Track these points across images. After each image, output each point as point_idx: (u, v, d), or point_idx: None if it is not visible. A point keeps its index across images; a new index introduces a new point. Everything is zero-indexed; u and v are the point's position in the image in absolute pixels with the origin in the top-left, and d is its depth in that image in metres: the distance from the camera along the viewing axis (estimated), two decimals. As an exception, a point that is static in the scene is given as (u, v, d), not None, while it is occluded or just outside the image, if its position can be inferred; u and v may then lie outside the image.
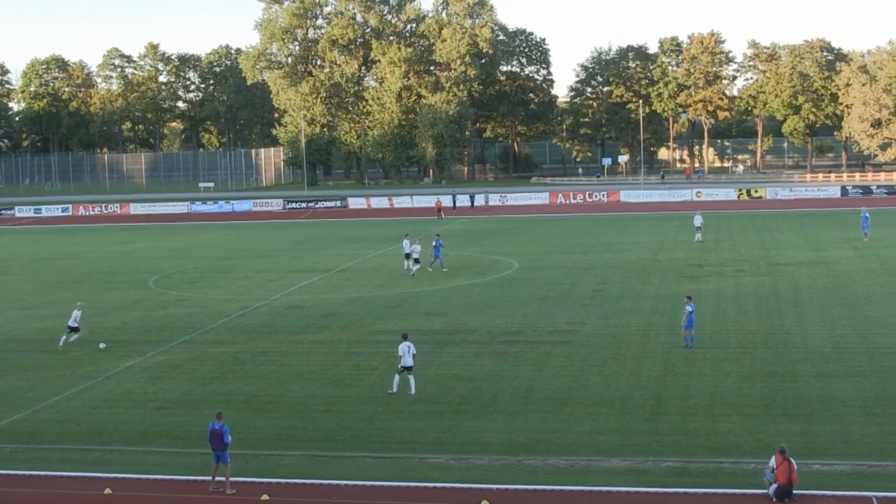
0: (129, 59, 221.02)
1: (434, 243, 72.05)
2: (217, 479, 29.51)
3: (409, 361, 39.10)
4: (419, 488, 29.45)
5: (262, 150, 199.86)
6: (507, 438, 33.47)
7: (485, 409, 36.82)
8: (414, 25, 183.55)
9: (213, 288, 67.82)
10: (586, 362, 43.39)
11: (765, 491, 27.69)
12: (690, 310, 45.48)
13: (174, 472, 31.35)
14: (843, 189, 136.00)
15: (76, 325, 49.75)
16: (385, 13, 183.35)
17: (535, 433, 33.90)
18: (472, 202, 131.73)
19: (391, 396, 38.60)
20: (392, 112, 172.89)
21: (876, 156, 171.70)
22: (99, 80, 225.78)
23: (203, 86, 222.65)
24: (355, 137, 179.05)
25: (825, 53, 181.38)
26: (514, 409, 36.77)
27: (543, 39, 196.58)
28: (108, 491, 29.56)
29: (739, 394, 37.83)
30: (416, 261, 69.91)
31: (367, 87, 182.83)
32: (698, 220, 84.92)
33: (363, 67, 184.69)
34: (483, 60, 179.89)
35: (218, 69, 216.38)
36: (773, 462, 27.65)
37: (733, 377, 40.19)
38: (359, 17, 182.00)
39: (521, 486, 29.28)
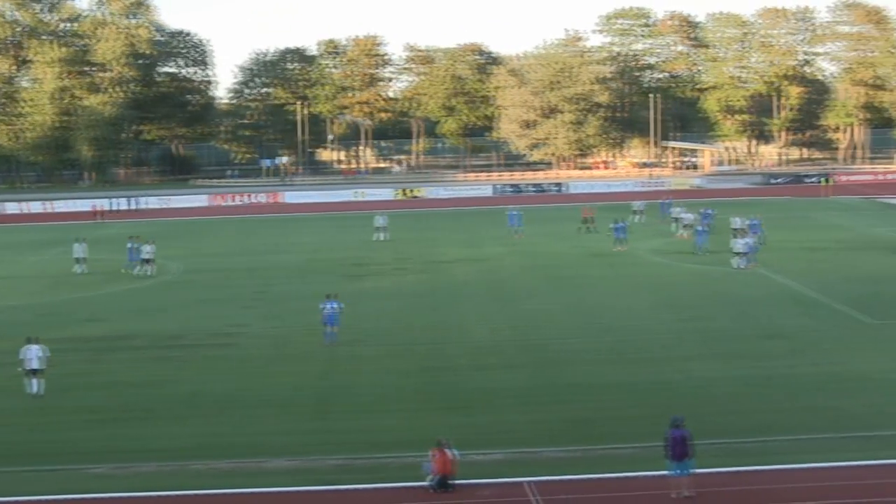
0: None
1: (129, 245, 70.83)
2: None
3: (34, 364, 38.31)
4: (78, 500, 28.83)
5: None
6: (172, 444, 33.19)
7: (149, 416, 36.40)
8: (70, 25, 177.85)
9: None
10: (250, 364, 43.49)
11: (425, 483, 28.58)
12: (322, 307, 46.58)
13: None
14: (497, 188, 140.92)
15: None
16: (39, 11, 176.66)
17: (201, 437, 33.79)
18: (132, 205, 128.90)
19: (52, 407, 37.53)
20: (47, 114, 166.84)
21: (526, 156, 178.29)
22: None
23: None
24: (8, 140, 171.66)
25: (479, 57, 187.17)
26: (178, 414, 36.51)
27: (203, 40, 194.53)
28: None
29: (401, 389, 38.85)
30: (147, 261, 68.51)
31: (22, 88, 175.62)
32: (380, 221, 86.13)
33: (17, 67, 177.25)
34: (142, 61, 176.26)
35: None
36: (431, 454, 28.57)
37: (395, 373, 41.19)
38: (10, 15, 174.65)
39: (187, 492, 29.12)
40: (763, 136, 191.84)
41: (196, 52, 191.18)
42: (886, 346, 44.08)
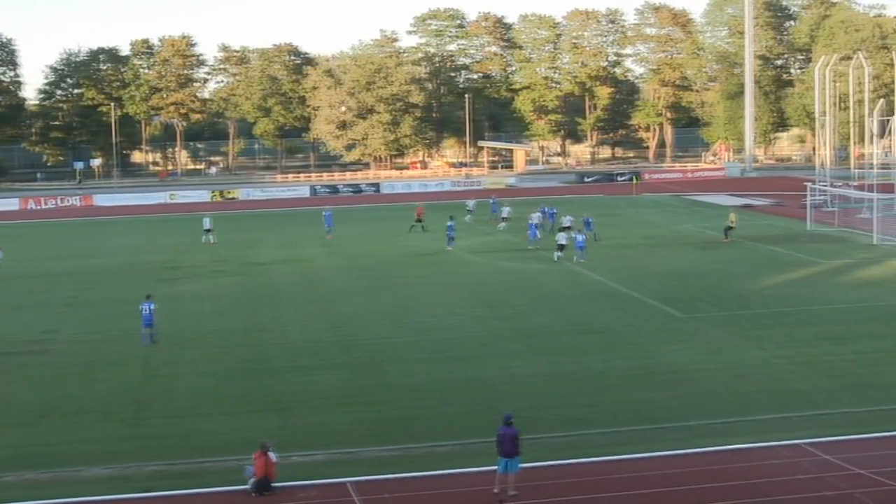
0: None
1: None
2: None
3: None
4: None
5: None
6: (-18, 456, 32.32)
7: (-42, 427, 35.34)
8: None
9: None
10: (64, 371, 42.55)
11: (246, 486, 28.42)
12: (142, 307, 46.35)
13: None
14: (313, 189, 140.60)
15: None
16: None
17: (13, 448, 32.91)
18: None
19: None
20: None
21: (343, 156, 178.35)
22: None
23: None
24: None
25: (293, 57, 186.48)
26: (-11, 425, 35.56)
27: (11, 39, 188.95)
28: None
29: (220, 393, 38.56)
30: None
31: None
32: (207, 223, 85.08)
33: None
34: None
35: None
36: (253, 457, 28.45)
37: (214, 377, 40.86)
38: None
39: (-1, 504, 28.46)
40: (575, 136, 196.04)
41: (3, 52, 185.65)
42: (694, 339, 45.49)
